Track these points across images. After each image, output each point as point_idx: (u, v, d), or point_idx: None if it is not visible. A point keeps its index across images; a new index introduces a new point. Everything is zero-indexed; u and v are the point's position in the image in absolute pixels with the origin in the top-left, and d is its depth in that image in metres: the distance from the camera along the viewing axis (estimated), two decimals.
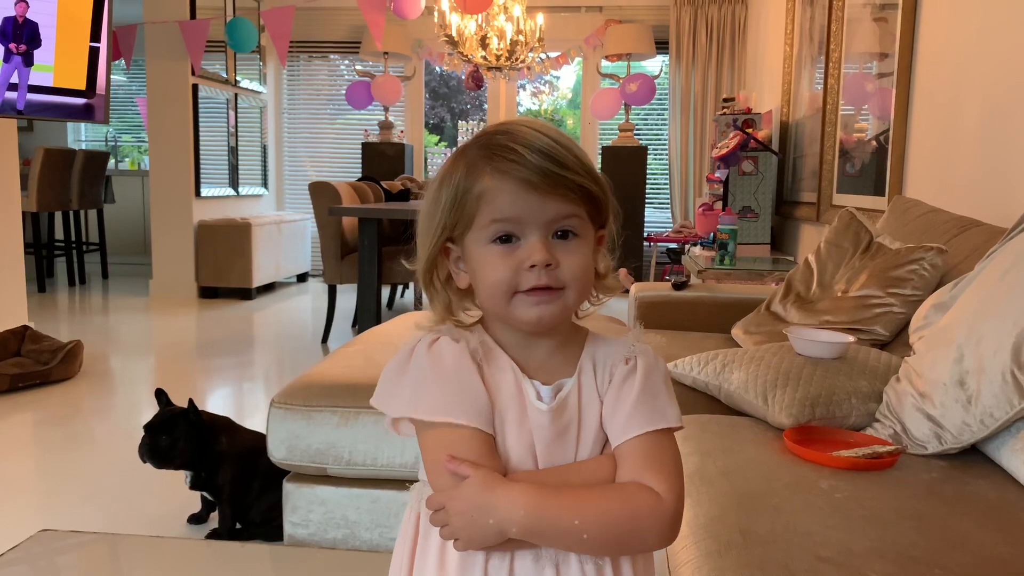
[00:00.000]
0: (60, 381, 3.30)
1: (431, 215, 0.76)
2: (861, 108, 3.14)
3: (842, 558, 0.91)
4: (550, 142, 0.72)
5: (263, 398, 3.26)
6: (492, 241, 0.73)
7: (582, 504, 0.70)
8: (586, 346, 0.79)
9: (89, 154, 6.11)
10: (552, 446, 0.74)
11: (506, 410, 0.75)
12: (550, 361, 0.78)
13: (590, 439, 0.75)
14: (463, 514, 0.71)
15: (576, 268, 0.73)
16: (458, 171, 0.74)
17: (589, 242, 0.75)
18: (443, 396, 0.74)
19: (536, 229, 0.72)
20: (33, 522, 1.97)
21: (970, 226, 1.80)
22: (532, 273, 0.72)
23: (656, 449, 0.73)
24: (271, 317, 5.13)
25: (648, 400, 0.75)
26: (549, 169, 0.71)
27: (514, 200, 0.71)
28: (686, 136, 6.06)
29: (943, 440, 1.25)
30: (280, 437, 1.74)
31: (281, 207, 6.89)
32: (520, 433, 0.74)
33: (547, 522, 0.69)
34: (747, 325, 2.14)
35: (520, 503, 0.69)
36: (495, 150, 0.72)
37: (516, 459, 0.74)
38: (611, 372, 0.77)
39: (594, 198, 0.75)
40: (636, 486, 0.72)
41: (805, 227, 3.84)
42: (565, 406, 0.75)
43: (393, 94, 6.05)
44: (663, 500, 0.71)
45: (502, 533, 0.70)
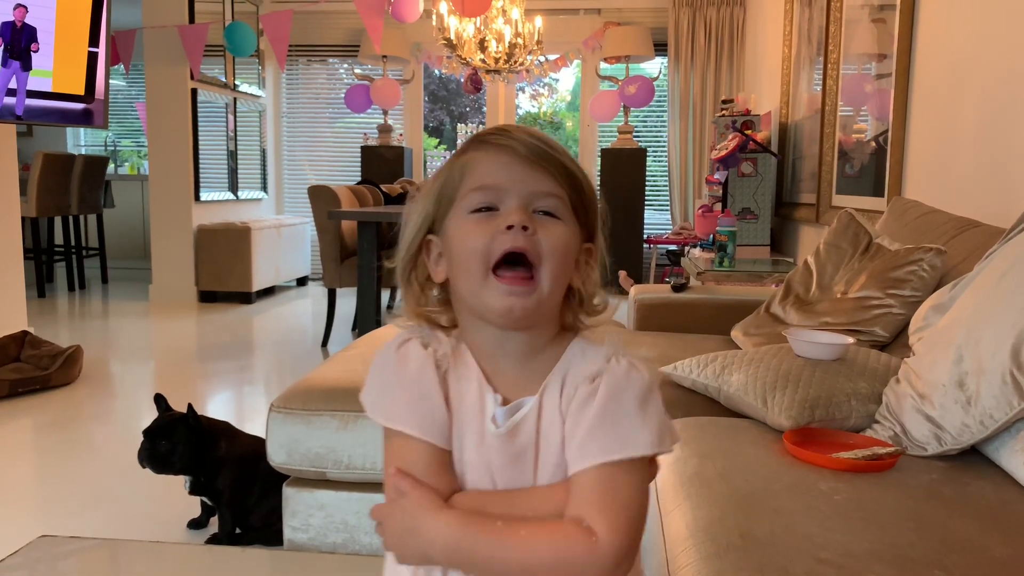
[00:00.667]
0: (60, 386, 3.30)
1: (418, 210, 0.76)
2: (860, 109, 3.14)
3: (841, 560, 0.91)
4: (540, 132, 0.74)
5: (263, 402, 3.26)
6: (472, 211, 0.72)
7: (507, 541, 0.67)
8: (562, 358, 0.74)
9: (88, 159, 6.11)
10: (508, 469, 0.71)
11: (466, 425, 0.72)
12: (520, 373, 0.74)
13: (550, 463, 0.71)
14: (393, 531, 0.70)
15: (555, 242, 0.70)
16: (448, 164, 0.76)
17: (571, 231, 0.72)
18: (401, 403, 0.73)
19: (517, 196, 0.70)
20: (33, 528, 1.97)
21: (969, 227, 1.80)
22: (508, 235, 0.69)
23: (606, 484, 0.67)
24: (271, 321, 5.13)
25: (607, 427, 0.68)
26: (535, 143, 0.71)
27: (497, 167, 0.71)
28: (685, 138, 6.06)
29: (943, 441, 1.25)
30: (279, 441, 1.73)
31: (280, 211, 6.89)
32: (479, 450, 0.72)
33: (467, 551, 0.67)
34: (747, 327, 2.14)
35: (442, 534, 0.68)
36: (486, 134, 0.74)
37: (473, 477, 0.72)
38: (574, 394, 0.71)
39: (579, 188, 0.73)
40: (572, 525, 0.66)
41: (804, 228, 3.84)
42: (520, 429, 0.71)
43: (392, 97, 6.05)
44: (599, 543, 0.65)
45: (427, 557, 0.69)
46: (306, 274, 6.57)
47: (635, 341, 2.17)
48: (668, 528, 1.10)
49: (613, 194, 5.82)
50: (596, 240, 0.77)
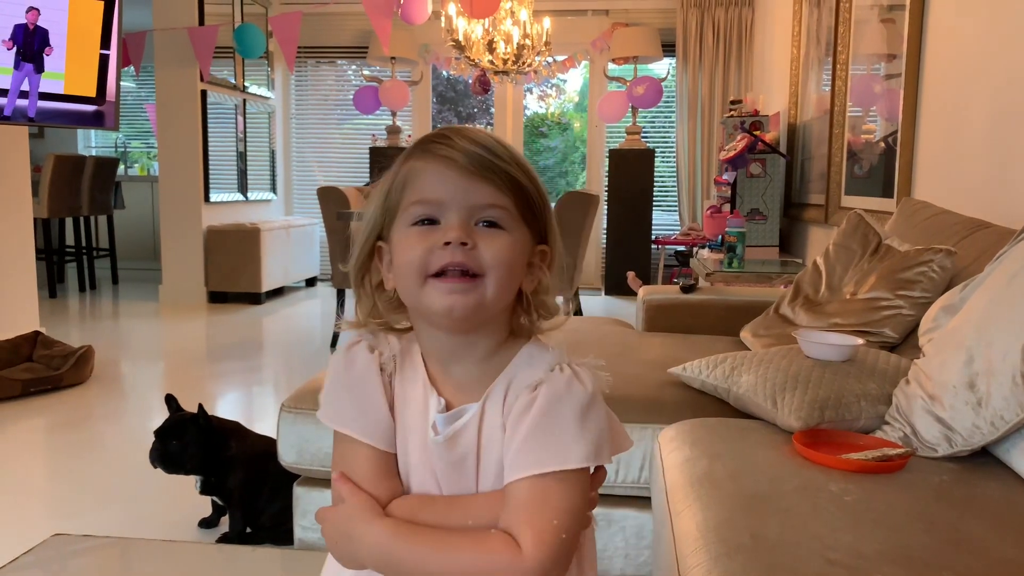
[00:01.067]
0: (72, 386, 3.32)
1: (366, 214, 0.75)
2: (869, 110, 3.14)
3: (851, 561, 0.91)
4: (485, 135, 0.71)
5: (272, 402, 3.27)
6: (413, 224, 0.71)
7: (434, 553, 0.68)
8: (511, 363, 0.73)
9: (99, 160, 6.15)
10: (450, 475, 0.72)
11: (410, 429, 0.73)
12: (468, 377, 0.74)
13: (492, 471, 0.71)
14: (331, 535, 0.72)
15: (497, 253, 0.69)
16: (394, 168, 0.74)
17: (518, 239, 0.71)
18: (346, 406, 0.74)
19: (457, 210, 0.69)
20: (46, 526, 1.99)
21: (979, 228, 1.80)
22: (446, 251, 0.68)
23: (537, 497, 0.67)
24: (280, 322, 5.15)
25: (541, 438, 0.68)
26: (476, 153, 0.69)
27: (437, 181, 0.69)
28: (693, 139, 6.06)
29: (953, 443, 1.25)
30: (290, 441, 1.74)
31: (289, 212, 6.91)
32: (423, 453, 0.73)
33: (395, 561, 0.69)
34: (756, 328, 2.14)
35: (374, 542, 0.69)
36: (429, 139, 0.72)
37: (418, 480, 0.73)
38: (517, 399, 0.71)
39: (526, 195, 0.71)
40: (499, 539, 0.66)
41: (813, 229, 3.83)
42: (460, 436, 0.72)
43: (400, 99, 6.07)
44: (522, 559, 0.65)
45: (359, 563, 0.71)
46: (315, 275, 6.59)
47: (644, 342, 2.17)
48: (678, 528, 1.10)
49: (621, 195, 5.83)
50: (551, 242, 0.75)
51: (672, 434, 1.45)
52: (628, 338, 2.24)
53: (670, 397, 1.67)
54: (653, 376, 1.77)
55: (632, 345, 2.12)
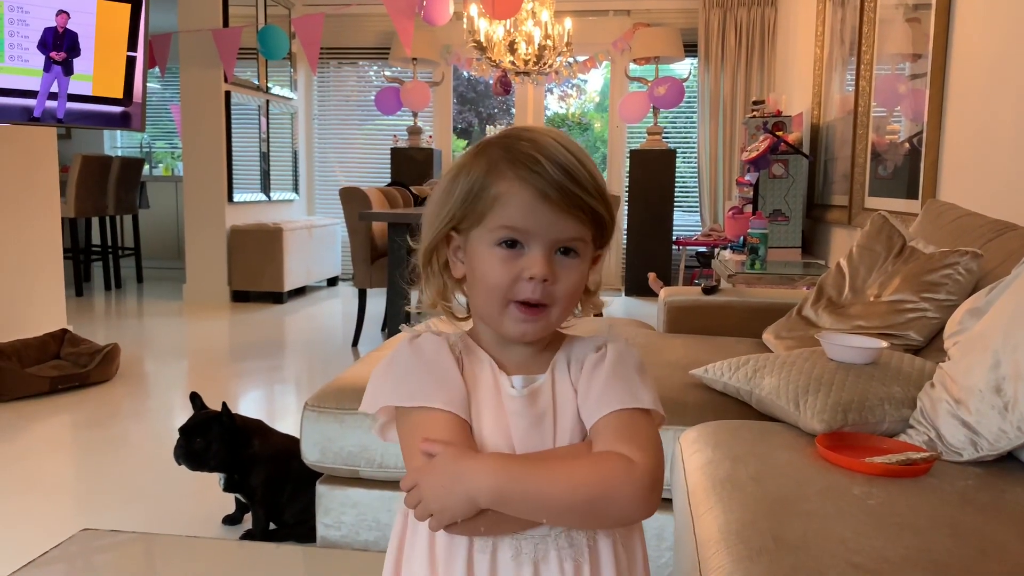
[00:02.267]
0: (98, 383, 3.37)
1: (443, 201, 0.78)
2: (893, 110, 3.11)
3: (875, 565, 0.91)
4: (572, 159, 0.73)
5: (295, 401, 3.30)
6: (498, 244, 0.75)
7: (551, 470, 0.71)
8: (562, 347, 0.82)
9: (125, 160, 6.23)
10: (528, 435, 0.76)
11: (483, 401, 0.77)
12: (527, 361, 0.80)
13: (568, 429, 0.77)
14: (434, 486, 0.71)
15: (570, 287, 0.76)
16: (478, 167, 0.76)
17: (587, 262, 0.78)
18: (421, 383, 0.76)
19: (542, 243, 0.74)
20: (73, 522, 2.02)
21: (1006, 230, 1.78)
22: (529, 285, 0.74)
23: (628, 424, 0.74)
24: (302, 321, 5.19)
25: (619, 382, 0.76)
26: (567, 187, 0.73)
27: (528, 212, 0.73)
28: (715, 139, 6.03)
29: (979, 447, 1.24)
30: (313, 440, 1.76)
31: (312, 212, 6.96)
32: (497, 423, 0.76)
33: (515, 487, 0.70)
34: (778, 330, 2.12)
35: (488, 467, 0.70)
36: (518, 156, 0.74)
37: (492, 449, 0.75)
38: (583, 361, 0.79)
39: (602, 223, 0.77)
40: (607, 454, 0.72)
41: (836, 230, 3.80)
42: (538, 394, 0.77)
43: (422, 99, 6.09)
44: (636, 464, 0.71)
45: (472, 500, 0.70)
46: (336, 275, 6.63)
47: (665, 344, 2.17)
48: (700, 531, 1.10)
49: (642, 195, 5.81)
50: (607, 247, 0.81)
51: (694, 436, 1.45)
52: (649, 340, 2.23)
53: (692, 399, 1.67)
54: (675, 378, 1.77)
55: (654, 347, 2.12)
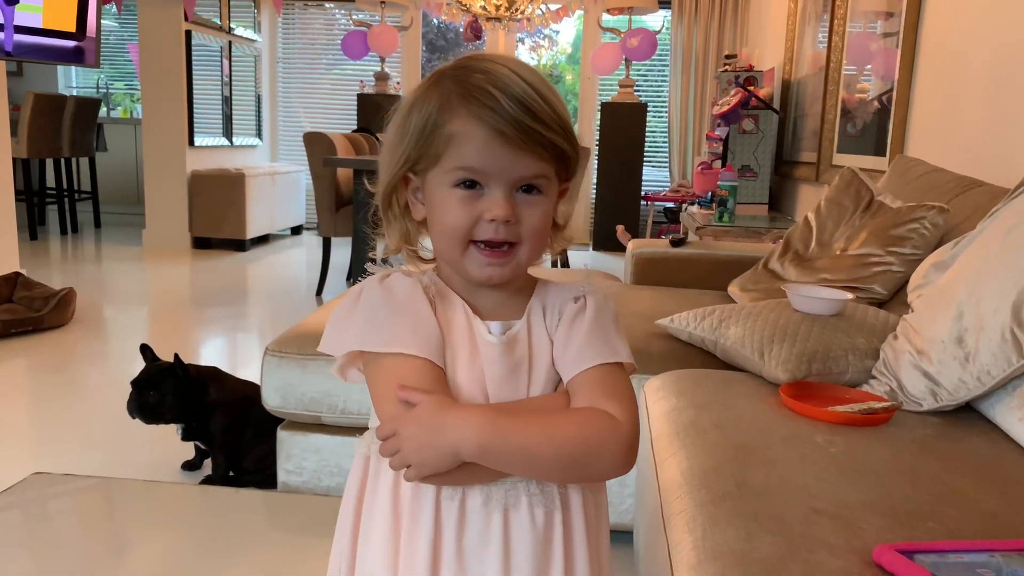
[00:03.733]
0: (52, 328, 3.28)
1: (397, 141, 0.74)
2: (864, 68, 3.10)
3: (836, 510, 0.91)
4: (528, 89, 0.69)
5: (257, 349, 3.25)
6: (455, 185, 0.71)
7: (538, 423, 0.70)
8: (536, 292, 0.79)
9: (80, 100, 6.02)
10: (503, 383, 0.73)
11: (458, 346, 0.74)
12: (500, 306, 0.77)
13: (542, 378, 0.75)
14: (415, 437, 0.68)
15: (535, 225, 0.72)
16: (430, 102, 0.71)
17: (552, 198, 0.74)
18: (395, 328, 0.73)
19: (502, 183, 0.70)
20: (26, 467, 1.97)
21: (972, 186, 1.79)
22: (491, 226, 0.70)
23: (609, 379, 0.73)
24: (265, 269, 5.11)
25: (599, 336, 0.75)
26: (524, 123, 0.68)
27: (484, 151, 0.69)
28: (687, 94, 5.99)
29: (939, 397, 1.25)
30: (274, 385, 1.73)
31: (275, 158, 6.82)
32: (471, 370, 0.73)
33: (501, 440, 0.67)
34: (744, 282, 2.13)
35: (475, 421, 0.67)
36: (472, 90, 0.69)
37: (467, 395, 0.73)
38: (560, 312, 0.77)
39: (565, 157, 0.73)
40: (592, 410, 0.71)
41: (804, 187, 3.82)
42: (515, 342, 0.75)
43: (390, 44, 5.95)
44: (620, 423, 0.70)
45: (455, 454, 0.67)
46: (301, 223, 6.53)
47: (632, 295, 2.16)
48: (663, 476, 1.10)
49: (612, 149, 5.77)
50: (573, 178, 0.78)
51: (658, 384, 1.45)
52: (617, 290, 2.23)
53: (657, 348, 1.67)
54: (641, 327, 1.76)
55: (621, 297, 2.11)
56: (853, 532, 0.86)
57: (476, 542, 0.72)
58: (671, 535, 0.94)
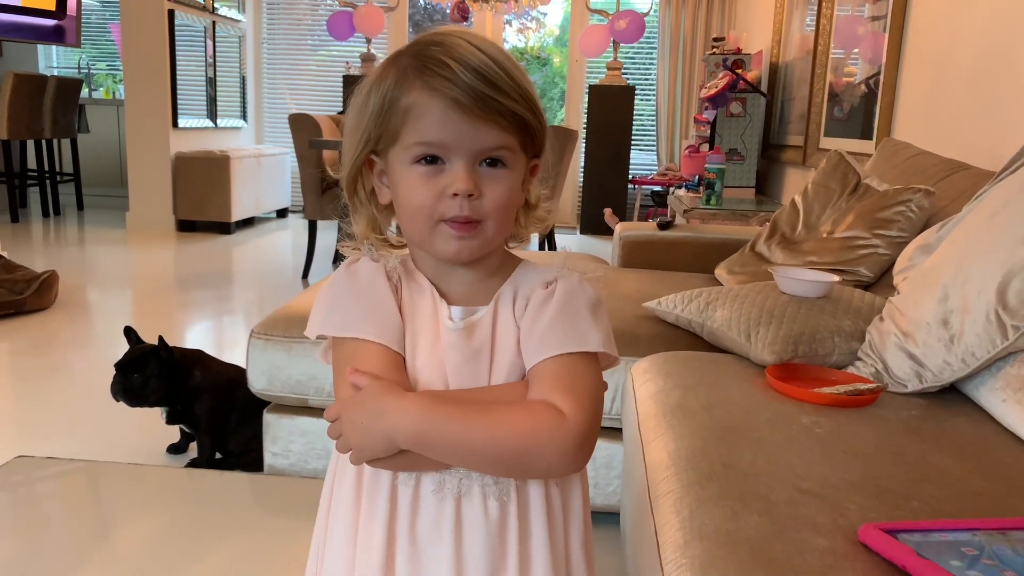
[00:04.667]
0: (35, 311, 3.25)
1: (356, 123, 0.72)
2: (852, 51, 3.09)
3: (822, 490, 0.92)
4: (486, 60, 0.67)
5: (242, 332, 3.23)
6: (415, 161, 0.69)
7: (476, 416, 0.67)
8: (512, 276, 0.76)
9: (61, 81, 5.93)
10: (463, 369, 0.72)
11: (420, 332, 0.73)
12: (470, 290, 0.75)
13: (504, 367, 0.72)
14: (355, 421, 0.68)
15: (499, 199, 0.70)
16: (388, 79, 0.70)
17: (518, 173, 0.71)
18: (353, 312, 0.73)
19: (463, 156, 0.68)
20: (10, 451, 1.96)
21: (958, 169, 1.79)
22: (454, 202, 0.68)
23: (568, 371, 0.70)
24: (251, 252, 5.07)
25: (565, 324, 0.71)
26: (482, 92, 0.66)
27: (442, 123, 0.67)
28: (674, 76, 5.97)
29: (923, 379, 1.26)
30: (260, 368, 1.72)
31: (260, 140, 6.75)
32: (432, 356, 0.72)
33: (435, 430, 0.66)
34: (731, 265, 2.13)
35: (410, 409, 0.66)
36: (427, 62, 0.67)
37: (426, 382, 0.72)
38: (528, 298, 0.73)
39: (529, 128, 0.70)
40: (539, 404, 0.68)
41: (791, 171, 3.82)
42: (476, 328, 0.72)
43: (376, 25, 5.89)
44: (567, 420, 0.67)
45: (391, 441, 0.66)
46: (286, 206, 6.48)
47: (619, 278, 2.16)
48: (650, 457, 1.10)
49: (600, 132, 5.75)
50: (543, 155, 0.75)
51: (645, 366, 1.45)
52: (604, 274, 2.23)
53: (644, 331, 1.67)
54: (627, 310, 1.76)
55: (607, 280, 2.11)
56: (838, 512, 0.87)
57: (429, 529, 0.71)
58: (658, 516, 0.94)
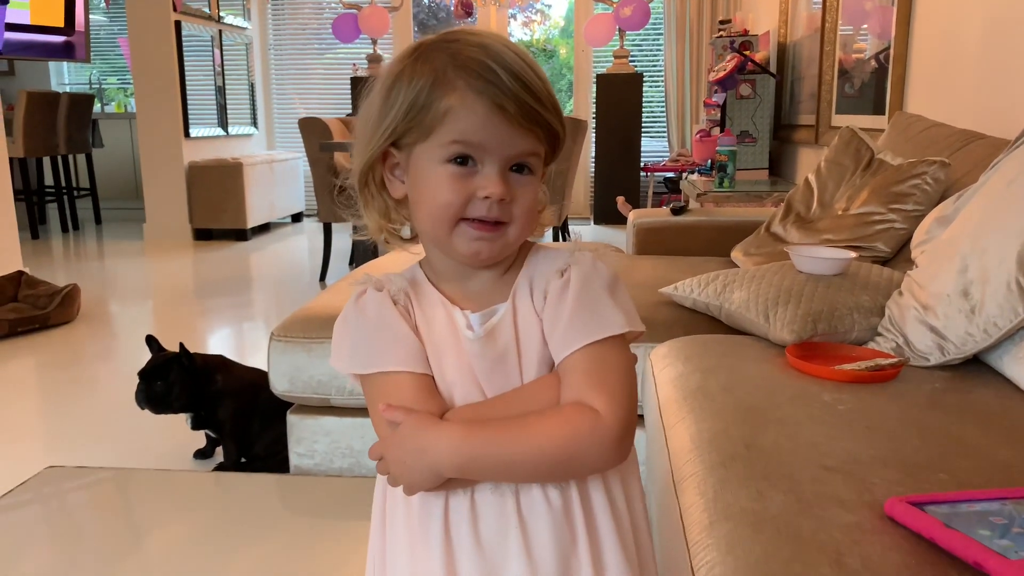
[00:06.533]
0: (59, 325, 3.29)
1: (381, 115, 0.71)
2: (860, 27, 3.06)
3: (847, 467, 0.91)
4: (524, 65, 0.68)
5: (263, 337, 3.26)
6: (448, 161, 0.69)
7: (512, 435, 0.68)
8: (525, 266, 0.76)
9: (74, 97, 5.98)
10: (492, 374, 0.72)
11: (442, 345, 0.73)
12: (487, 289, 0.75)
13: (534, 361, 0.72)
14: (398, 460, 0.70)
15: (527, 204, 0.71)
16: (422, 76, 0.69)
17: (540, 178, 0.73)
18: (372, 347, 0.73)
19: (497, 159, 0.68)
20: (40, 462, 1.99)
21: (973, 139, 1.77)
22: (484, 204, 0.68)
23: (597, 362, 0.70)
24: (267, 257, 5.10)
25: (585, 311, 0.71)
26: (524, 99, 0.67)
27: (484, 126, 0.67)
28: (682, 61, 5.94)
29: (946, 351, 1.25)
30: (281, 370, 1.74)
31: (272, 146, 6.79)
32: (459, 366, 0.72)
33: (476, 457, 0.68)
34: (747, 247, 2.12)
35: (447, 442, 0.67)
36: (468, 63, 0.67)
37: (462, 392, 0.72)
38: (546, 290, 0.73)
39: (557, 139, 0.72)
40: (573, 408, 0.68)
41: (803, 150, 3.79)
42: (497, 332, 0.72)
43: (381, 26, 5.89)
44: (602, 419, 0.67)
45: (437, 474, 0.68)
46: (301, 210, 6.51)
47: (635, 265, 2.16)
48: (672, 441, 1.10)
49: (609, 121, 5.73)
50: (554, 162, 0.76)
51: (664, 351, 1.45)
52: (619, 261, 2.22)
53: (662, 316, 1.67)
54: (644, 297, 1.76)
55: (623, 267, 2.11)
56: (864, 487, 0.86)
57: (494, 531, 0.70)
58: (682, 498, 0.94)
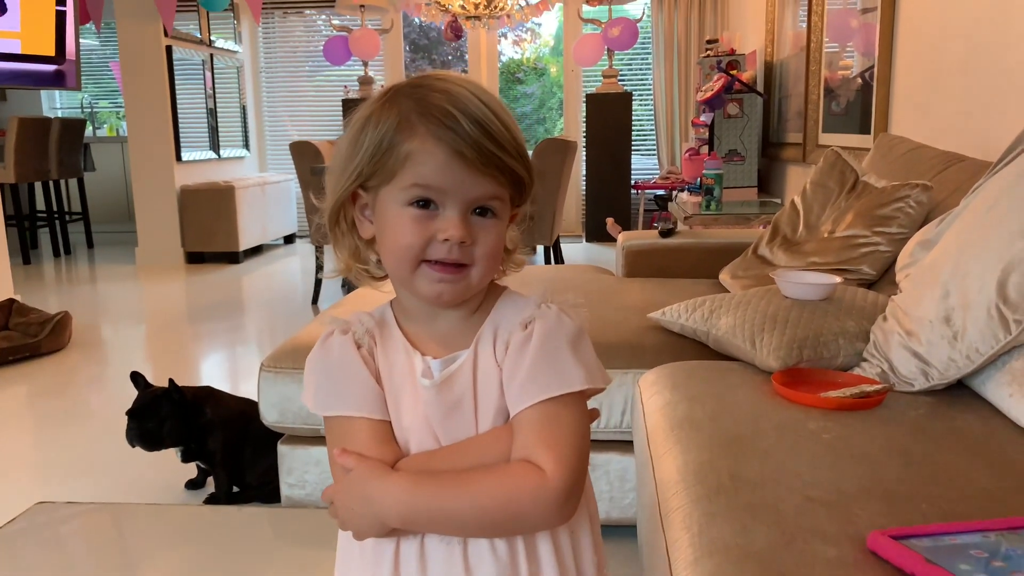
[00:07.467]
0: (50, 353, 3.29)
1: (349, 156, 0.72)
2: (846, 45, 3.10)
3: (831, 497, 0.92)
4: (488, 113, 0.69)
5: (256, 362, 3.25)
6: (409, 204, 0.70)
7: (458, 491, 0.69)
8: (492, 311, 0.76)
9: (65, 122, 6.00)
10: (447, 421, 0.72)
11: (400, 390, 0.74)
12: (453, 332, 0.75)
13: (491, 411, 0.73)
14: (347, 507, 0.71)
15: (489, 247, 0.71)
16: (387, 120, 0.70)
17: (504, 221, 0.73)
18: (332, 390, 0.74)
19: (458, 203, 0.69)
20: (30, 495, 1.98)
21: (955, 161, 1.79)
22: (444, 246, 0.69)
23: (550, 419, 0.70)
24: (260, 280, 5.11)
25: (545, 365, 0.71)
26: (484, 145, 0.68)
27: (443, 170, 0.68)
28: (671, 80, 5.99)
29: (929, 377, 1.26)
30: (271, 401, 1.74)
31: (264, 168, 6.81)
32: (415, 413, 0.73)
33: (419, 510, 0.68)
34: (734, 270, 2.13)
35: (395, 496, 0.69)
36: (431, 109, 0.68)
37: (417, 439, 0.73)
38: (508, 340, 0.73)
39: (521, 182, 0.72)
40: (520, 466, 0.69)
41: (792, 168, 3.82)
42: (455, 379, 0.73)
43: (372, 48, 5.93)
44: (547, 479, 0.67)
45: (383, 524, 0.70)
46: (293, 232, 6.52)
47: (623, 288, 2.17)
48: (659, 472, 1.11)
49: (599, 140, 5.77)
50: (525, 204, 0.77)
51: (653, 378, 1.46)
52: (608, 284, 2.23)
53: (650, 342, 1.68)
54: (633, 321, 1.77)
55: (612, 291, 2.12)
56: (847, 519, 0.87)
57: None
58: (668, 532, 0.94)
